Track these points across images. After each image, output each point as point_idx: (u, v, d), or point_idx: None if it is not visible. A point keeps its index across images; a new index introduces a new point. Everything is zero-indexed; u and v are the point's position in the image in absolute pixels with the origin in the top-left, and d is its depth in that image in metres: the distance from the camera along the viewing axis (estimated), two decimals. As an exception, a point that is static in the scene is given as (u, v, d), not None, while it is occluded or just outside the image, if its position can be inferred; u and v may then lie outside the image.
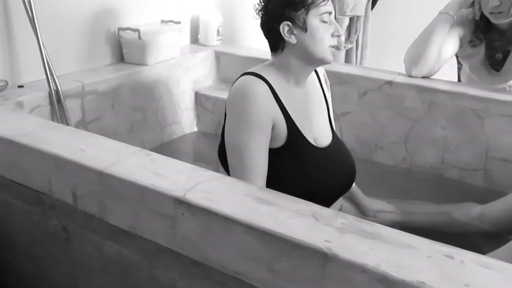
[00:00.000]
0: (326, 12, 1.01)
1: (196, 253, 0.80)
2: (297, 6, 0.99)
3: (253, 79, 1.01)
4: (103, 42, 1.60)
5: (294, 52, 1.03)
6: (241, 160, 0.98)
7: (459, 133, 1.47)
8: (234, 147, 0.99)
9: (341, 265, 0.66)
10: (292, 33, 1.01)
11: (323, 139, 1.11)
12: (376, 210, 1.22)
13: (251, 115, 0.97)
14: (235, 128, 0.99)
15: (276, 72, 1.05)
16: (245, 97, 0.98)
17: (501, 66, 1.54)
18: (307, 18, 1.00)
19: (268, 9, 1.03)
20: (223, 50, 1.92)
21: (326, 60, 1.03)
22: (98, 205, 0.90)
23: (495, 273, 0.64)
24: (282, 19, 1.01)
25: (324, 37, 1.01)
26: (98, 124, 1.49)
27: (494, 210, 1.06)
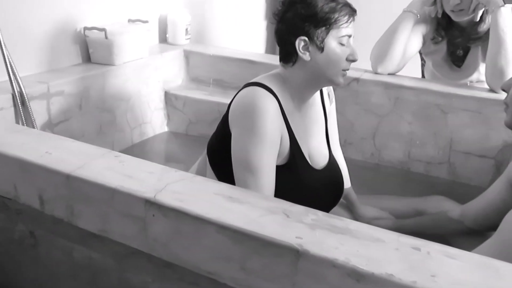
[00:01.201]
0: (347, 35, 0.96)
1: (168, 255, 0.80)
2: (318, 24, 0.94)
3: (264, 93, 0.96)
4: (69, 42, 1.56)
5: (305, 69, 0.99)
6: (254, 178, 0.94)
7: (424, 128, 1.52)
8: (246, 164, 0.94)
9: (312, 261, 0.67)
10: (307, 50, 0.96)
11: (319, 159, 1.10)
12: (370, 218, 1.22)
13: (266, 132, 0.93)
14: (247, 144, 0.94)
15: (283, 85, 1.01)
16: (259, 113, 0.93)
17: (462, 62, 1.60)
18: (326, 38, 0.95)
19: (286, 18, 0.98)
20: (192, 49, 1.91)
21: (336, 82, 1.00)
22: (66, 209, 0.88)
23: (460, 263, 0.66)
24: (300, 33, 0.95)
25: (340, 60, 0.97)
26: (65, 126, 1.46)
27: (474, 208, 1.10)
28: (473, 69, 1.58)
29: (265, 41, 2.84)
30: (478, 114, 1.43)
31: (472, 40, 1.54)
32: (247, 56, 1.82)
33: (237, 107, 0.98)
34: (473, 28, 1.51)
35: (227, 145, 1.00)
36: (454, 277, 0.63)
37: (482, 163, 1.46)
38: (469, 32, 1.53)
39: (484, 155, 1.46)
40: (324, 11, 0.95)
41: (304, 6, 0.95)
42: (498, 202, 1.03)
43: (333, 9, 0.95)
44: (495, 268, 0.66)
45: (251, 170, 0.94)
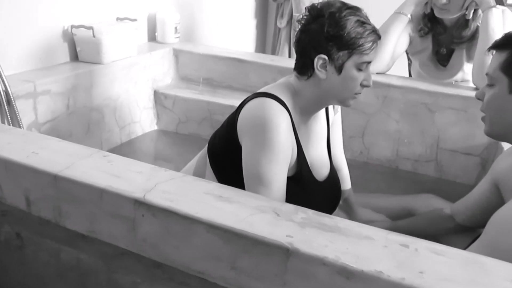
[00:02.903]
0: (366, 61, 0.94)
1: (158, 255, 0.79)
2: (342, 46, 0.92)
3: (276, 107, 0.93)
4: (55, 40, 1.54)
5: (318, 86, 0.97)
6: (269, 192, 0.93)
7: (412, 126, 1.53)
8: (260, 177, 0.93)
9: (302, 259, 0.67)
10: (325, 69, 0.94)
11: (321, 170, 1.09)
12: (366, 221, 1.22)
13: (279, 147, 0.92)
14: (262, 159, 0.92)
15: (293, 96, 0.99)
16: (272, 127, 0.91)
17: (447, 62, 1.62)
18: (346, 62, 0.93)
19: (310, 30, 0.94)
20: (182, 48, 1.90)
21: (346, 104, 0.99)
22: (53, 210, 0.87)
23: (447, 259, 0.67)
24: (321, 51, 0.93)
25: (355, 85, 0.95)
26: (53, 126, 1.44)
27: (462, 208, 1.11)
28: (458, 69, 1.60)
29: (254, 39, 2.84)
30: (464, 113, 1.45)
31: (455, 43, 1.56)
32: (236, 55, 1.82)
33: (249, 120, 0.95)
34: (457, 31, 1.53)
35: (232, 151, 0.98)
36: (442, 273, 0.64)
37: (468, 160, 1.48)
38: (453, 34, 1.55)
39: (470, 153, 1.48)
40: (350, 36, 0.91)
41: (332, 24, 0.92)
42: (483, 201, 1.05)
43: (361, 34, 0.92)
44: (481, 263, 0.67)
45: (265, 184, 0.93)
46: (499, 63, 0.84)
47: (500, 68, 0.84)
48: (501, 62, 0.84)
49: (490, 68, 0.87)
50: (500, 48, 0.86)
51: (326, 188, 1.09)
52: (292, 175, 1.00)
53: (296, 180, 1.00)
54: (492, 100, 0.87)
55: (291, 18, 2.62)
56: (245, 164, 0.96)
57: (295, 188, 0.99)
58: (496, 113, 0.87)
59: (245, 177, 0.96)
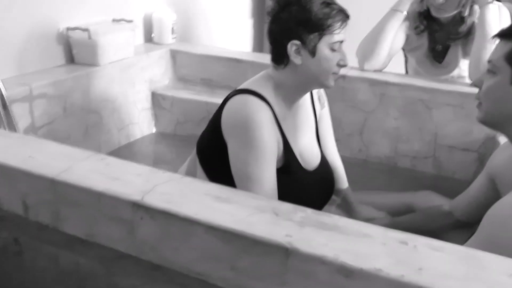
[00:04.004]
0: (339, 41, 0.97)
1: (157, 257, 0.79)
2: (311, 29, 0.94)
3: (257, 103, 0.95)
4: (51, 43, 1.54)
5: (296, 72, 0.99)
6: (259, 188, 0.94)
7: (410, 123, 1.54)
8: (248, 175, 0.94)
9: (301, 259, 0.67)
10: (299, 54, 0.96)
11: (311, 159, 1.10)
12: (366, 218, 1.22)
13: (264, 144, 0.93)
14: (248, 157, 0.94)
15: (274, 88, 1.01)
16: (255, 125, 0.93)
17: (442, 58, 1.62)
18: (318, 44, 0.95)
19: (280, 19, 0.97)
20: (179, 48, 1.90)
21: (327, 85, 1.01)
22: (51, 214, 0.87)
23: (445, 255, 0.67)
24: (293, 37, 0.95)
25: (330, 66, 0.98)
26: (50, 129, 1.43)
27: (460, 204, 1.12)
28: (454, 65, 1.61)
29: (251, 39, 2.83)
30: (461, 109, 1.45)
31: (451, 39, 1.56)
32: (234, 55, 1.82)
33: (231, 119, 0.97)
34: (453, 28, 1.54)
35: (220, 149, 0.99)
36: (440, 269, 0.64)
37: (465, 156, 1.49)
38: (449, 31, 1.55)
39: (468, 149, 1.48)
40: (318, 17, 0.94)
41: (299, 10, 0.95)
42: (481, 197, 1.05)
43: (327, 15, 0.95)
44: (479, 259, 0.67)
45: (254, 182, 0.94)
46: (504, 52, 0.84)
47: (505, 58, 0.83)
48: (506, 51, 0.83)
49: (494, 55, 0.86)
50: (506, 37, 0.85)
51: (318, 178, 1.10)
52: (280, 167, 1.00)
53: (284, 171, 1.01)
54: (492, 88, 0.86)
55: (287, 17, 2.61)
56: (232, 164, 0.97)
57: (284, 179, 1.00)
58: (493, 102, 0.87)
59: (234, 177, 0.97)
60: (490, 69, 0.87)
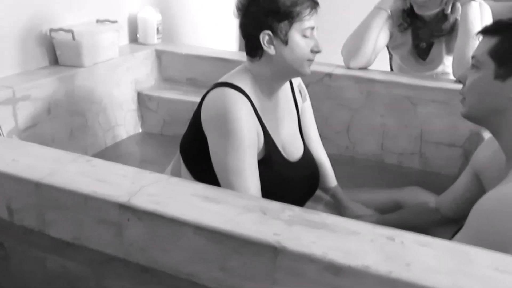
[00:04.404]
0: (310, 27, 0.98)
1: (146, 259, 0.79)
2: (281, 17, 0.95)
3: (234, 95, 0.95)
4: (34, 44, 1.51)
5: (271, 62, 1.00)
6: (239, 180, 0.94)
7: (396, 120, 1.55)
8: (229, 167, 0.94)
9: (290, 257, 0.68)
10: (272, 44, 0.97)
11: (295, 152, 1.10)
12: (355, 215, 1.23)
13: (243, 135, 0.93)
14: (226, 148, 0.94)
15: (251, 80, 1.02)
16: (233, 117, 0.93)
17: (426, 55, 1.64)
18: (289, 31, 0.96)
19: (250, 12, 0.98)
20: (164, 48, 1.88)
21: (303, 73, 1.01)
22: (37, 218, 0.85)
23: (432, 250, 0.68)
24: (264, 27, 0.96)
25: (304, 52, 0.98)
26: (34, 132, 1.41)
27: (446, 201, 1.13)
28: (438, 62, 1.62)
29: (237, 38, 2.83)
30: (446, 105, 1.47)
31: (435, 36, 1.58)
32: (220, 55, 1.81)
33: (210, 112, 0.97)
34: (436, 25, 1.56)
35: (201, 144, 0.99)
36: (428, 264, 0.65)
37: (451, 152, 1.50)
38: (432, 28, 1.57)
39: (453, 144, 1.50)
40: (286, 5, 0.95)
41: (267, 1, 0.96)
42: (466, 193, 1.06)
43: (295, 2, 0.96)
44: (466, 253, 0.68)
45: (235, 174, 0.94)
46: (488, 47, 0.85)
47: (488, 53, 0.85)
48: (490, 47, 0.85)
49: (478, 51, 0.88)
50: (490, 33, 0.86)
51: (301, 169, 1.10)
52: (261, 159, 1.01)
53: (266, 163, 1.01)
54: (476, 83, 0.87)
55: (273, 16, 2.62)
56: (213, 157, 0.97)
57: (266, 171, 1.01)
58: (477, 97, 0.88)
59: (215, 170, 0.97)
60: (474, 64, 0.88)
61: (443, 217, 1.14)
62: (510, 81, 0.82)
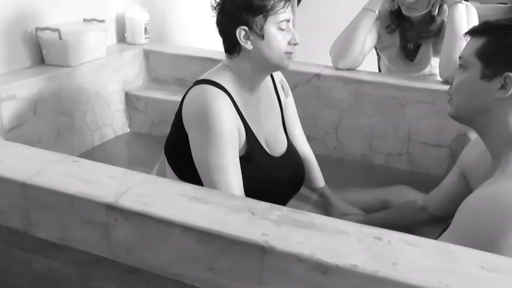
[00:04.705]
0: (285, 19, 0.98)
1: (133, 260, 0.78)
2: (255, 12, 0.96)
3: (213, 91, 0.96)
4: (19, 44, 1.49)
5: (249, 58, 1.00)
6: (220, 177, 0.94)
7: (384, 121, 1.56)
8: (209, 164, 0.94)
9: (278, 257, 0.68)
10: (249, 39, 0.98)
11: (278, 147, 1.11)
12: (342, 214, 1.24)
13: (223, 131, 0.93)
14: (207, 145, 0.94)
15: (231, 76, 1.02)
16: (213, 114, 0.93)
17: (414, 56, 1.66)
18: (264, 25, 0.97)
19: (225, 9, 0.99)
20: (152, 48, 1.87)
21: (282, 66, 1.02)
22: (22, 219, 0.84)
23: (419, 250, 0.69)
24: (239, 23, 0.97)
25: (281, 45, 0.99)
26: (20, 132, 1.39)
27: (433, 200, 1.14)
28: (425, 63, 1.64)
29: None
30: (433, 106, 1.48)
31: (422, 38, 1.60)
32: (208, 54, 1.81)
33: (190, 109, 0.98)
34: (424, 27, 1.57)
35: (184, 144, 0.99)
36: (414, 263, 0.66)
37: (438, 152, 1.52)
38: (419, 29, 1.59)
39: (440, 145, 1.52)
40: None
41: None
42: (453, 192, 1.08)
43: None
44: (451, 252, 0.69)
45: (216, 170, 0.94)
46: (475, 48, 0.86)
47: (475, 53, 0.86)
48: (477, 47, 0.86)
49: (465, 52, 0.89)
50: (478, 34, 0.88)
51: (285, 164, 1.11)
52: (243, 155, 1.01)
53: (248, 159, 1.01)
54: (463, 83, 0.88)
55: (263, 16, 2.62)
56: (194, 155, 0.98)
57: (250, 167, 1.01)
58: (464, 97, 0.89)
59: (197, 167, 0.97)
60: (462, 64, 0.90)
61: (430, 216, 1.15)
62: (496, 81, 0.84)
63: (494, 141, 0.88)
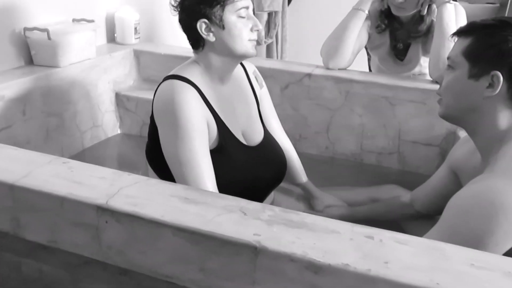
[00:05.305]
0: (243, 7, 0.99)
1: (124, 261, 0.77)
2: (212, 3, 0.97)
3: (179, 85, 0.97)
4: (6, 44, 1.47)
5: (214, 50, 1.02)
6: (189, 170, 0.94)
7: (374, 120, 1.57)
8: (178, 158, 0.95)
9: (270, 257, 0.68)
10: (210, 31, 0.99)
11: (254, 136, 1.11)
12: (326, 205, 1.25)
13: (189, 123, 0.94)
14: (175, 139, 0.95)
15: (200, 70, 1.03)
16: (177, 106, 0.94)
17: (404, 56, 1.67)
18: (223, 15, 0.98)
19: (184, 6, 1.01)
20: (142, 48, 1.86)
21: (248, 54, 1.02)
22: (11, 221, 0.83)
23: (410, 248, 0.69)
24: (199, 16, 0.98)
25: (243, 32, 1.00)
26: (8, 134, 1.37)
27: (421, 194, 1.15)
28: (415, 63, 1.65)
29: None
30: (423, 105, 1.49)
31: (412, 37, 1.61)
32: (199, 55, 1.80)
33: (158, 105, 0.99)
34: (413, 26, 1.59)
35: (159, 142, 1.00)
36: (406, 261, 0.66)
37: (428, 151, 1.53)
38: (409, 29, 1.60)
39: (430, 144, 1.53)
40: None
41: None
42: (441, 188, 1.09)
43: None
44: (442, 250, 0.69)
45: (185, 163, 0.95)
46: (462, 48, 0.88)
47: (462, 53, 0.87)
48: (464, 47, 0.87)
49: (453, 52, 0.90)
50: (464, 34, 0.89)
51: (263, 152, 1.11)
52: (216, 147, 1.02)
53: (221, 150, 1.02)
54: (451, 83, 0.90)
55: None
56: (163, 149, 0.99)
57: (222, 158, 1.01)
58: (453, 96, 0.90)
59: (168, 163, 0.98)
60: (450, 64, 0.91)
61: (416, 212, 1.16)
62: (484, 80, 0.85)
63: (484, 139, 0.89)
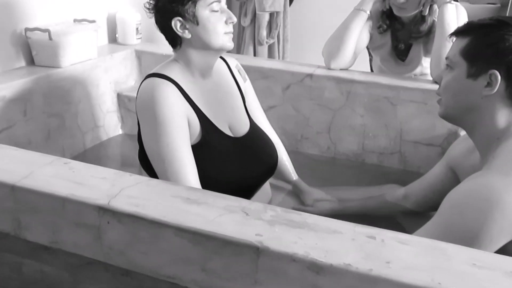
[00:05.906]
0: (215, 1, 1.01)
1: (126, 262, 0.77)
2: (183, 1, 0.99)
3: (158, 82, 0.99)
4: (7, 44, 1.47)
5: (192, 46, 1.03)
6: (170, 165, 0.95)
7: (376, 120, 1.57)
8: (159, 154, 0.96)
9: (272, 257, 0.68)
10: (185, 28, 1.01)
11: (240, 128, 1.12)
12: (315, 199, 1.25)
13: (166, 118, 0.96)
14: (154, 135, 0.96)
15: (180, 67, 1.05)
16: (156, 102, 0.96)
17: (405, 57, 1.67)
18: (196, 11, 1.00)
19: (158, 7, 1.03)
20: (144, 49, 1.86)
21: (225, 47, 1.04)
22: (12, 222, 0.83)
23: (411, 248, 0.69)
24: (173, 15, 1.00)
25: (217, 26, 1.01)
26: (9, 134, 1.37)
27: (416, 189, 1.15)
28: (417, 63, 1.65)
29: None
30: (424, 105, 1.49)
31: (413, 38, 1.61)
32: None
33: (138, 103, 1.01)
34: (415, 27, 1.59)
35: None
36: (407, 261, 0.66)
37: (429, 151, 1.53)
38: (411, 30, 1.60)
39: (431, 144, 1.53)
40: None
41: None
42: (437, 184, 1.09)
43: None
44: (443, 249, 0.69)
45: (166, 159, 0.96)
46: (460, 48, 0.88)
47: (460, 53, 0.88)
48: (461, 47, 0.88)
49: (451, 52, 0.91)
50: (462, 34, 0.89)
51: (249, 142, 1.12)
52: (199, 141, 1.03)
53: (205, 144, 1.03)
54: (450, 83, 0.90)
55: (255, 17, 2.62)
56: (145, 146, 1.00)
57: (206, 152, 1.03)
58: (452, 96, 0.91)
59: (150, 161, 1.00)
60: (448, 64, 0.91)
61: (407, 209, 1.16)
62: (482, 79, 0.85)
63: (482, 138, 0.90)
